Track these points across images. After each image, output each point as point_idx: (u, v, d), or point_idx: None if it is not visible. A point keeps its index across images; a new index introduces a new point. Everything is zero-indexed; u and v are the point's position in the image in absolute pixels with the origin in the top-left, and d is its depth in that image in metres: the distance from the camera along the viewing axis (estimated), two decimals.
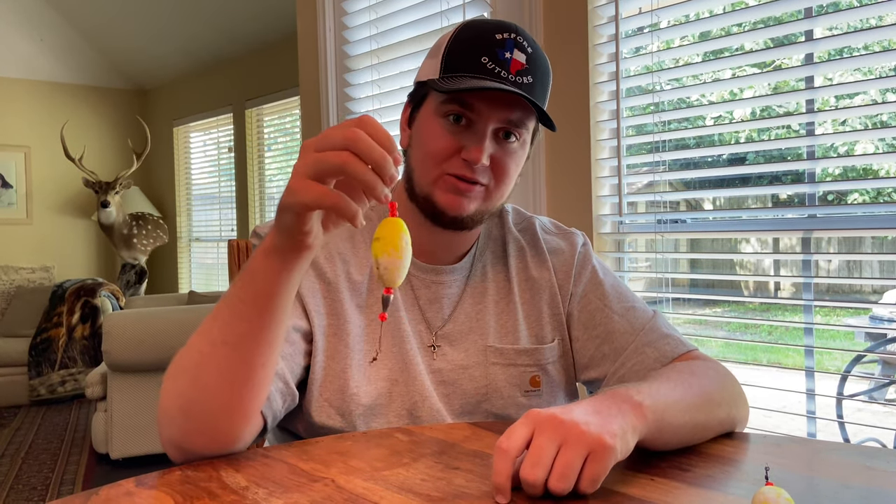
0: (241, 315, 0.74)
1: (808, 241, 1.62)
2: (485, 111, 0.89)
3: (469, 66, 0.88)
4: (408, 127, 0.98)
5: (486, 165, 0.90)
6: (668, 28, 1.77)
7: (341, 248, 0.98)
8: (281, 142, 5.29)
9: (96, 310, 4.94)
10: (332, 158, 0.64)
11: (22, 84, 6.09)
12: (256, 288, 0.72)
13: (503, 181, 0.93)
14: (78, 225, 6.42)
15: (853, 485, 0.70)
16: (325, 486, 0.70)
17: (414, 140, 0.96)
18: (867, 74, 1.83)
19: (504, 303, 1.02)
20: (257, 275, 0.72)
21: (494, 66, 0.88)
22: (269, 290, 0.72)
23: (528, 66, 0.90)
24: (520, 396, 0.99)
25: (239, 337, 0.74)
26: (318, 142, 0.65)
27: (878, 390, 3.42)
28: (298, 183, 0.65)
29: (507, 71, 0.88)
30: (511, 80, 0.88)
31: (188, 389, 0.76)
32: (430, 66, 0.94)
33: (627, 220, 1.89)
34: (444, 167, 0.91)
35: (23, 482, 3.26)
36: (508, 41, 0.89)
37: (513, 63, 0.88)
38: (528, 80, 0.89)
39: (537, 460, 0.63)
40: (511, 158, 0.92)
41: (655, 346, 0.96)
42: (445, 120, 0.90)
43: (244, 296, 0.73)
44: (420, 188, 0.94)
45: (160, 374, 0.86)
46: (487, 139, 0.89)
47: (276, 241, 0.70)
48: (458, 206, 0.91)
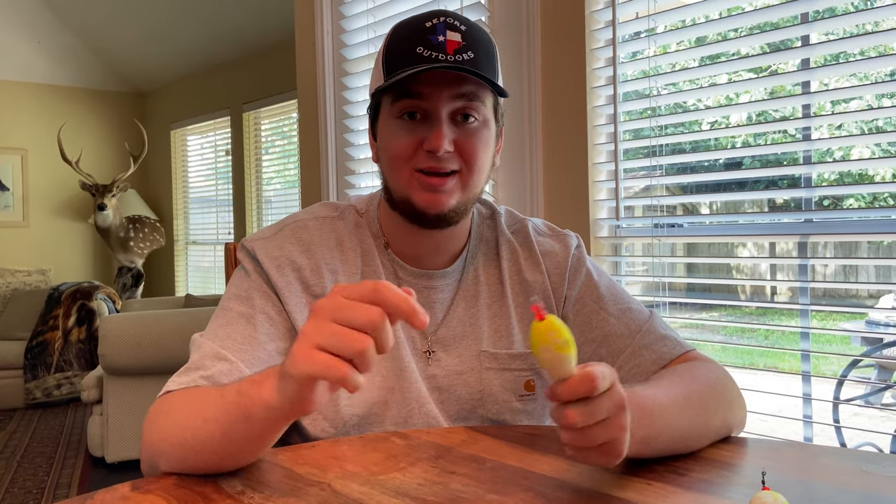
0: (233, 434, 0.71)
1: (805, 246, 1.62)
2: (434, 95, 0.89)
3: (407, 60, 0.89)
4: (374, 140, 0.99)
5: (450, 151, 0.89)
6: (665, 33, 1.78)
7: (328, 258, 0.96)
8: (278, 145, 5.29)
9: (92, 313, 4.92)
10: (354, 345, 0.59)
11: (19, 86, 6.08)
12: (251, 427, 0.70)
13: (473, 164, 0.92)
14: (74, 228, 6.41)
15: (850, 489, 0.70)
16: (321, 491, 0.69)
17: (380, 149, 0.96)
18: (863, 79, 1.84)
19: (497, 306, 1.01)
20: (254, 419, 0.69)
21: (430, 52, 0.88)
22: (266, 433, 0.71)
23: (465, 41, 0.90)
24: (515, 401, 0.98)
25: (231, 443, 0.72)
26: (337, 312, 0.61)
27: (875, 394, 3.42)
28: (305, 353, 0.61)
29: (445, 52, 0.88)
30: (450, 60, 0.88)
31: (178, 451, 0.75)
32: (375, 76, 0.95)
33: (624, 224, 1.90)
34: (411, 164, 0.91)
35: (18, 486, 3.24)
36: (438, 25, 0.90)
37: (448, 44, 0.89)
38: (469, 55, 0.89)
39: (591, 414, 0.64)
40: (476, 138, 0.92)
41: (653, 349, 0.95)
42: (401, 119, 0.91)
43: (238, 416, 0.70)
44: (396, 193, 0.94)
45: (157, 378, 0.85)
46: (444, 124, 0.89)
47: (278, 402, 0.66)
48: (436, 203, 0.91)
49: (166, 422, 0.77)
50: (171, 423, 0.76)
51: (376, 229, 1.01)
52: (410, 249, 0.99)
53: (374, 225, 1.01)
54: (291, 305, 0.92)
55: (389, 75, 0.90)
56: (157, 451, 0.77)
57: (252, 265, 0.95)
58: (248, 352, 0.86)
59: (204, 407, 0.74)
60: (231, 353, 0.85)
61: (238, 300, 0.92)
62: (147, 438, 0.79)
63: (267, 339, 0.89)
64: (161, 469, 0.77)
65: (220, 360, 0.84)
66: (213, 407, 0.73)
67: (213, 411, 0.72)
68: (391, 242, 1.00)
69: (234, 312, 0.90)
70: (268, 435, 0.71)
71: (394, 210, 0.96)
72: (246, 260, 0.96)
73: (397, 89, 0.90)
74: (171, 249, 6.35)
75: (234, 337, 0.87)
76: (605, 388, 0.65)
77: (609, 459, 0.66)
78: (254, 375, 0.72)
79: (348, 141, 2.63)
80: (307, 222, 0.99)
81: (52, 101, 6.25)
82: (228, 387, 0.74)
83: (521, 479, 0.73)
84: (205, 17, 5.06)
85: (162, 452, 0.76)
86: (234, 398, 0.71)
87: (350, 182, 2.65)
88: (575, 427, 0.63)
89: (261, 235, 0.98)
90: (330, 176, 2.69)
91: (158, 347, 3.22)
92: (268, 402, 0.67)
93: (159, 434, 0.77)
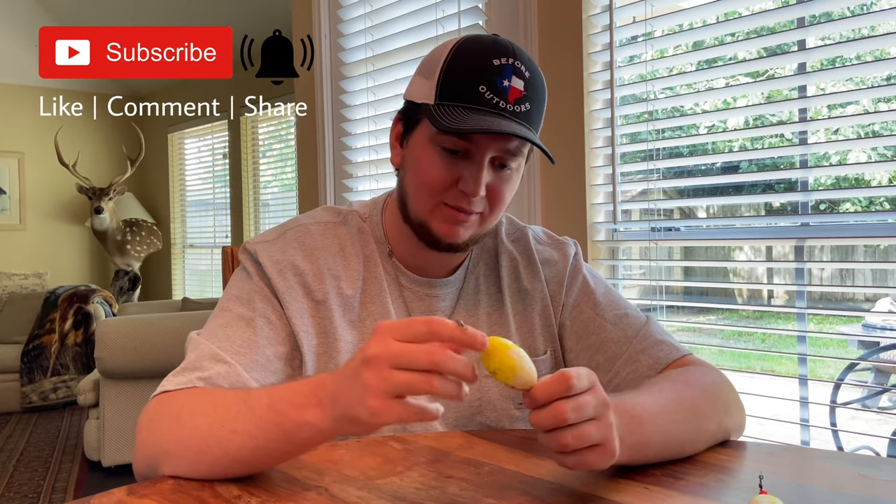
0: (269, 450, 0.72)
1: (802, 249, 1.63)
2: (482, 144, 0.87)
3: (466, 95, 0.86)
4: (399, 145, 0.97)
5: (482, 196, 0.89)
6: (662, 37, 1.78)
7: (331, 264, 0.96)
8: (276, 148, 5.29)
9: (89, 316, 4.91)
10: (423, 386, 0.61)
11: (15, 89, 6.07)
12: (291, 448, 0.72)
13: (498, 207, 0.92)
14: (71, 231, 6.39)
15: (847, 493, 0.70)
16: (318, 495, 0.69)
17: (408, 163, 0.94)
18: (859, 84, 1.84)
19: (496, 315, 1.01)
20: (296, 441, 0.70)
21: (493, 97, 0.86)
22: (305, 451, 0.74)
23: (527, 92, 0.88)
24: (513, 409, 0.98)
25: (266, 457, 0.74)
26: (397, 359, 0.62)
27: (872, 398, 3.42)
28: (379, 404, 0.62)
29: (506, 100, 0.86)
30: (509, 109, 0.86)
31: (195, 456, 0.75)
32: (423, 87, 0.91)
33: (622, 228, 1.90)
34: (440, 197, 0.90)
35: (14, 490, 3.23)
36: (507, 67, 0.87)
37: (511, 91, 0.87)
38: (525, 107, 0.88)
39: (580, 407, 0.65)
40: (506, 185, 0.92)
41: (649, 353, 0.95)
42: (442, 150, 0.89)
43: (278, 437, 0.71)
44: (416, 215, 0.93)
45: (153, 381, 0.85)
46: (484, 170, 0.88)
47: (330, 428, 0.68)
48: (453, 234, 0.91)
49: (181, 425, 0.76)
50: (188, 428, 0.75)
51: (380, 235, 1.00)
52: (415, 260, 0.98)
53: (377, 230, 1.00)
54: (292, 310, 0.91)
55: (442, 100, 0.88)
56: (164, 452, 0.76)
57: (254, 268, 0.94)
58: (246, 355, 0.86)
59: (229, 417, 0.73)
60: (229, 355, 0.85)
61: (238, 302, 0.91)
62: (149, 438, 0.78)
63: (266, 343, 0.88)
64: (163, 472, 0.76)
65: (217, 362, 0.84)
66: (240, 419, 0.72)
67: (243, 424, 0.72)
68: (395, 250, 0.99)
69: (234, 314, 0.90)
70: (306, 451, 0.74)
71: (405, 223, 0.95)
72: (248, 262, 0.95)
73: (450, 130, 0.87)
74: (168, 253, 6.34)
75: (233, 339, 0.87)
76: (586, 387, 0.66)
77: (603, 460, 0.67)
78: (289, 392, 0.72)
79: (346, 144, 2.63)
80: (310, 227, 0.98)
81: (48, 104, 6.24)
82: (253, 396, 0.74)
83: (519, 483, 0.73)
84: (203, 20, 5.07)
85: (171, 454, 0.75)
86: (267, 415, 0.71)
87: (347, 186, 2.65)
88: (565, 423, 0.64)
89: (263, 238, 0.97)
90: (327, 179, 2.69)
91: (155, 351, 3.21)
92: (317, 428, 0.68)
93: (170, 437, 0.76)
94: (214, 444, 0.73)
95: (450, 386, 0.62)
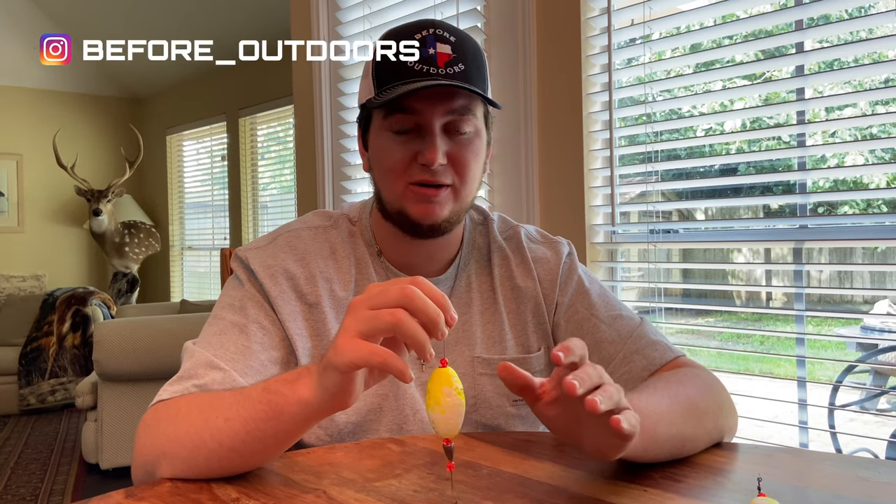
0: (260, 433, 0.72)
1: (800, 252, 1.63)
2: (426, 110, 0.89)
3: (398, 73, 0.89)
4: (365, 150, 1.00)
5: (444, 164, 0.90)
6: (660, 39, 1.79)
7: (323, 267, 0.97)
8: (274, 150, 5.29)
9: (87, 318, 4.91)
10: (386, 317, 0.63)
11: (14, 91, 6.07)
12: (280, 426, 0.71)
13: (466, 175, 0.93)
14: (70, 233, 6.39)
15: (845, 495, 0.70)
16: (316, 498, 0.69)
17: (373, 161, 0.97)
18: (857, 87, 1.85)
19: (490, 312, 1.02)
20: (284, 416, 0.70)
21: (422, 66, 0.89)
22: (295, 430, 0.72)
23: (456, 54, 0.90)
24: (508, 406, 0.98)
25: (256, 441, 0.73)
26: (370, 299, 0.64)
27: (870, 400, 3.43)
28: (347, 342, 0.64)
29: (436, 65, 0.89)
30: (442, 72, 0.89)
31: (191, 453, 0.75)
32: (365, 87, 0.95)
33: (620, 230, 1.90)
34: (405, 178, 0.92)
35: (12, 492, 3.23)
36: (429, 37, 0.90)
37: (439, 56, 0.89)
38: (459, 68, 0.90)
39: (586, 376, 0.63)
40: (468, 150, 0.93)
41: (643, 354, 0.95)
42: (393, 133, 0.92)
43: (268, 415, 0.71)
44: (391, 205, 0.94)
45: (151, 384, 0.85)
46: (437, 137, 0.90)
47: (317, 397, 0.68)
48: (430, 213, 0.92)
49: (177, 424, 0.77)
50: (184, 425, 0.76)
51: (369, 237, 1.01)
52: (403, 257, 1.00)
53: (366, 233, 1.02)
54: (285, 314, 0.92)
55: (380, 87, 0.91)
56: (162, 453, 0.76)
57: (246, 274, 0.95)
58: (240, 361, 0.86)
59: (224, 407, 0.74)
60: (224, 362, 0.85)
61: (231, 309, 0.92)
62: (146, 442, 0.78)
63: (260, 348, 0.89)
64: (161, 474, 0.76)
65: (213, 369, 0.84)
66: (235, 406, 0.73)
67: (237, 410, 0.73)
68: (384, 250, 1.01)
69: (227, 322, 0.90)
70: (295, 433, 0.72)
71: (387, 220, 0.97)
72: (239, 269, 0.96)
73: (389, 104, 0.91)
74: (167, 255, 6.34)
75: (227, 346, 0.87)
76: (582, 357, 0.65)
77: (622, 438, 0.64)
78: (284, 374, 0.73)
79: (344, 146, 2.64)
80: (301, 232, 1.00)
81: (47, 106, 6.24)
82: (250, 387, 0.75)
83: (517, 485, 0.73)
84: (202, 22, 5.07)
85: (167, 455, 0.75)
86: (261, 396, 0.72)
87: (346, 187, 2.65)
88: (584, 383, 0.61)
89: (255, 245, 0.98)
90: (326, 181, 2.69)
91: (153, 353, 3.21)
92: (303, 399, 0.68)
93: (167, 437, 0.77)
94: (209, 437, 0.73)
95: (413, 324, 0.62)
